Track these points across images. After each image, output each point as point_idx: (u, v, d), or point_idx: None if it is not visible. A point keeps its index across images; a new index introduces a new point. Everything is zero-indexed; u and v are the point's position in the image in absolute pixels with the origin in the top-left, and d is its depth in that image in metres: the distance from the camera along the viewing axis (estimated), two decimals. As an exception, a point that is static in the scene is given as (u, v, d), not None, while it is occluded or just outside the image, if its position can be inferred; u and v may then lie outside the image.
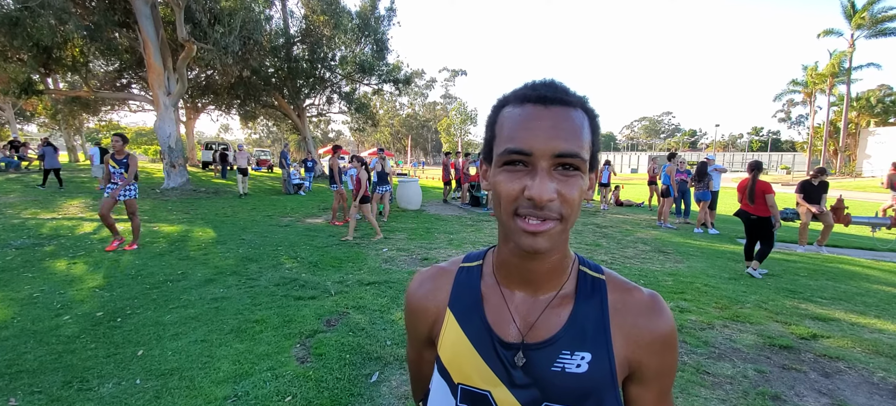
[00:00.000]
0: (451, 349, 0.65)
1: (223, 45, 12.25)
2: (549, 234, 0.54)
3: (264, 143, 53.39)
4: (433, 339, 0.69)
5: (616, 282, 0.64)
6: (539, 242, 0.54)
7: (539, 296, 0.62)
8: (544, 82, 0.57)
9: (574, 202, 0.54)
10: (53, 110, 19.55)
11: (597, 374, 0.58)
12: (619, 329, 0.61)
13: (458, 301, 0.67)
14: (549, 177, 0.53)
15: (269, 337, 3.29)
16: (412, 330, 0.74)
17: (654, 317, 0.61)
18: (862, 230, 8.74)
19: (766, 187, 5.25)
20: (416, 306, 0.71)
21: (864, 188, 22.22)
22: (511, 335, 0.61)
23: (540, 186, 0.52)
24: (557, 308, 0.61)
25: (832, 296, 4.50)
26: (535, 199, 0.52)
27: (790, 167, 41.41)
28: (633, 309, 0.62)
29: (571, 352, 0.59)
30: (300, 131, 21.34)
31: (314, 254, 6.03)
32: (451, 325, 0.65)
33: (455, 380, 0.63)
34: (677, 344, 0.63)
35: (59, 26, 11.30)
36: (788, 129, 50.37)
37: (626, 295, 0.63)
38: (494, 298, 0.64)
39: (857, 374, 2.85)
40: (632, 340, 0.60)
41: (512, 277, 0.63)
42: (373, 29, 17.92)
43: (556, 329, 0.60)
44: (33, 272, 4.85)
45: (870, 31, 31.05)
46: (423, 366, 0.76)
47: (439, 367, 0.66)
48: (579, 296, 0.62)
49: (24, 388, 2.57)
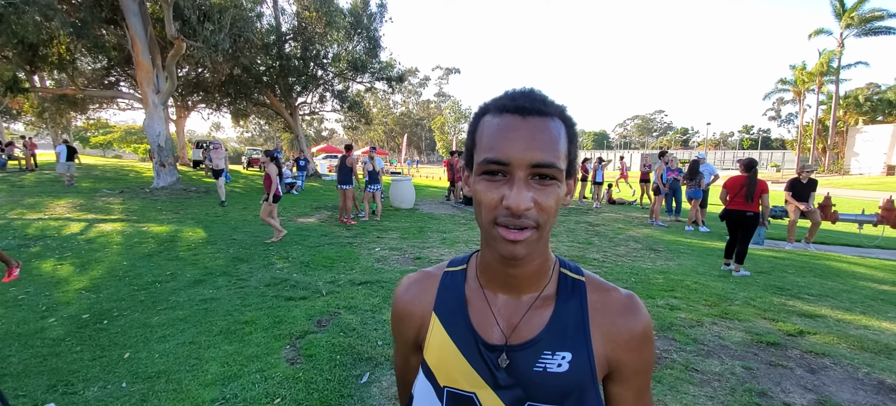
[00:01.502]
0: (436, 352, 0.66)
1: (213, 42, 12.09)
2: (526, 242, 0.55)
3: (257, 142, 52.96)
4: (420, 344, 0.70)
5: (595, 283, 0.66)
6: (517, 250, 0.56)
7: (521, 298, 0.64)
8: (523, 92, 0.58)
9: (550, 210, 0.56)
10: (40, 109, 19.20)
11: (577, 373, 0.60)
12: (599, 328, 0.62)
13: (442, 305, 0.68)
14: (527, 186, 0.54)
15: (259, 338, 3.26)
16: (399, 335, 0.75)
17: (631, 316, 0.63)
18: (849, 227, 8.87)
19: (764, 186, 5.24)
20: (403, 311, 0.72)
21: (851, 186, 22.56)
22: (495, 337, 0.63)
23: (517, 196, 0.53)
24: (539, 309, 0.63)
25: (819, 292, 4.56)
26: (513, 209, 0.53)
27: (780, 165, 41.91)
28: (611, 309, 0.64)
29: (553, 352, 0.61)
30: (293, 129, 21.19)
31: (306, 253, 5.99)
32: (437, 328, 0.66)
33: (441, 383, 0.64)
34: (653, 342, 0.65)
35: (45, 23, 11.07)
36: (779, 127, 50.94)
37: (604, 295, 0.65)
38: (478, 302, 0.66)
39: (842, 369, 2.89)
40: (610, 339, 0.62)
41: (495, 281, 0.64)
42: (365, 26, 17.81)
43: (538, 330, 0.62)
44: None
45: (859, 29, 31.47)
46: (410, 372, 0.76)
47: (425, 370, 0.67)
48: (560, 297, 0.64)
49: (8, 391, 2.53)
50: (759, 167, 5.47)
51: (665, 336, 3.37)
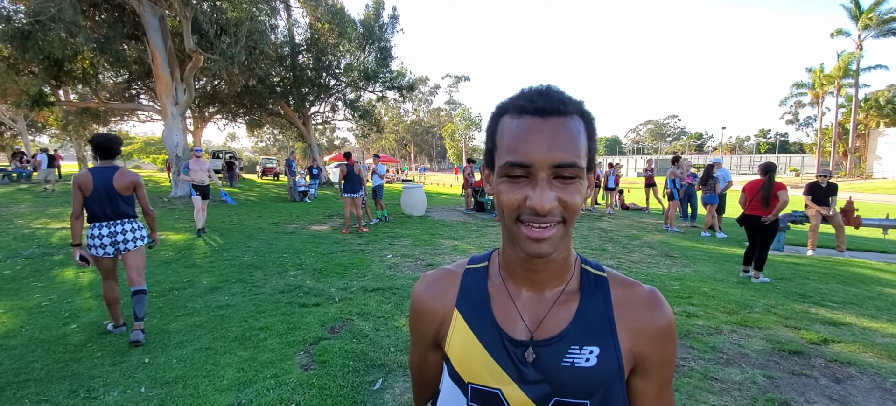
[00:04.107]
0: (460, 349, 0.66)
1: (229, 55, 12.39)
2: (551, 239, 0.56)
3: (270, 151, 53.81)
4: (440, 341, 0.70)
5: (617, 278, 0.67)
6: (543, 248, 0.57)
7: (545, 293, 0.64)
8: (540, 91, 0.58)
9: (575, 206, 0.57)
10: (64, 121, 19.84)
11: (605, 367, 0.60)
12: (623, 322, 0.63)
13: (465, 301, 0.68)
14: (549, 186, 0.55)
15: (274, 344, 3.29)
16: (417, 332, 0.75)
17: (656, 310, 0.64)
18: (873, 232, 8.60)
19: (780, 186, 5.06)
20: (423, 308, 0.72)
21: (874, 190, 21.90)
22: (520, 333, 0.63)
23: (540, 197, 0.54)
24: (564, 304, 0.63)
25: (843, 299, 4.42)
26: (537, 209, 0.55)
27: (799, 169, 40.95)
28: (635, 303, 0.64)
29: (580, 347, 0.61)
30: (306, 139, 21.49)
31: (319, 261, 6.04)
32: (460, 325, 0.67)
33: (465, 379, 0.64)
34: (676, 337, 0.65)
35: (70, 39, 11.51)
36: (797, 131, 49.91)
37: (628, 290, 0.65)
38: (501, 298, 0.66)
39: (869, 379, 2.79)
40: (635, 333, 0.63)
41: (518, 277, 0.65)
42: (377, 36, 18.07)
43: (564, 325, 0.62)
44: (42, 281, 4.91)
45: (877, 31, 30.78)
46: (427, 369, 0.76)
47: (448, 368, 0.67)
48: (584, 292, 0.64)
49: (31, 396, 2.59)
50: (776, 171, 5.33)
51: (683, 344, 3.31)
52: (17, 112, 22.53)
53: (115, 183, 3.25)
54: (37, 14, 10.46)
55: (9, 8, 11.38)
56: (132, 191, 3.38)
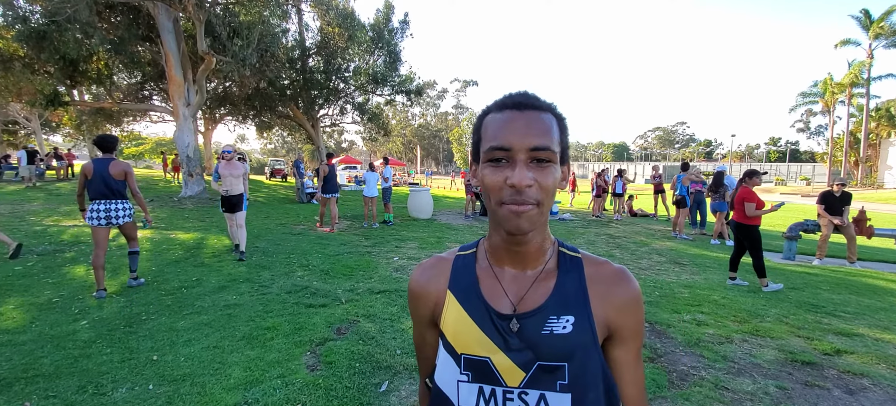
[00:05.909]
0: (453, 325, 0.73)
1: (241, 57, 12.51)
2: (528, 215, 0.64)
3: (279, 153, 54.23)
4: (435, 320, 0.78)
5: (590, 259, 0.76)
6: (522, 223, 0.64)
7: (526, 272, 0.73)
8: (519, 93, 0.69)
9: (548, 188, 0.65)
10: (78, 121, 20.14)
11: (580, 333, 0.68)
12: (596, 295, 0.71)
13: (456, 283, 0.76)
14: (527, 167, 0.63)
15: (280, 344, 3.30)
16: (415, 313, 0.82)
17: (624, 283, 0.72)
18: (885, 242, 8.45)
19: (742, 194, 5.16)
20: (419, 291, 0.80)
21: (886, 200, 21.53)
22: (505, 307, 0.70)
23: (519, 175, 0.62)
24: (543, 281, 0.72)
25: (855, 310, 4.35)
26: (516, 185, 0.62)
27: (810, 178, 40.41)
28: (606, 278, 0.72)
29: (558, 316, 0.68)
30: (314, 141, 21.61)
31: (326, 262, 6.06)
32: (452, 304, 0.74)
33: (458, 351, 0.72)
34: (643, 307, 0.73)
35: (85, 40, 11.68)
36: (808, 139, 49.33)
37: (599, 268, 0.74)
38: (488, 278, 0.74)
39: (882, 391, 2.74)
40: (606, 303, 0.71)
41: (502, 259, 0.73)
42: (386, 41, 18.14)
43: (544, 299, 0.70)
44: (53, 277, 4.97)
45: (888, 40, 30.40)
46: (425, 347, 0.84)
47: (444, 342, 0.75)
48: (561, 270, 0.73)
49: (40, 392, 2.61)
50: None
51: (692, 352, 3.26)
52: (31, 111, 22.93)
53: (110, 170, 4.24)
54: (53, 15, 10.64)
55: (25, 8, 11.61)
56: (123, 177, 4.34)
